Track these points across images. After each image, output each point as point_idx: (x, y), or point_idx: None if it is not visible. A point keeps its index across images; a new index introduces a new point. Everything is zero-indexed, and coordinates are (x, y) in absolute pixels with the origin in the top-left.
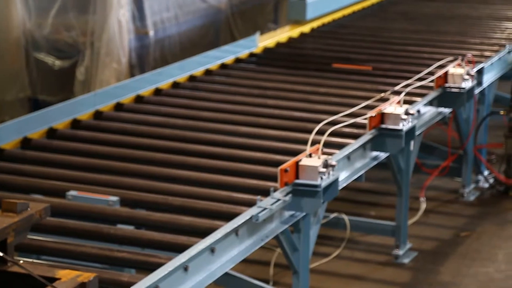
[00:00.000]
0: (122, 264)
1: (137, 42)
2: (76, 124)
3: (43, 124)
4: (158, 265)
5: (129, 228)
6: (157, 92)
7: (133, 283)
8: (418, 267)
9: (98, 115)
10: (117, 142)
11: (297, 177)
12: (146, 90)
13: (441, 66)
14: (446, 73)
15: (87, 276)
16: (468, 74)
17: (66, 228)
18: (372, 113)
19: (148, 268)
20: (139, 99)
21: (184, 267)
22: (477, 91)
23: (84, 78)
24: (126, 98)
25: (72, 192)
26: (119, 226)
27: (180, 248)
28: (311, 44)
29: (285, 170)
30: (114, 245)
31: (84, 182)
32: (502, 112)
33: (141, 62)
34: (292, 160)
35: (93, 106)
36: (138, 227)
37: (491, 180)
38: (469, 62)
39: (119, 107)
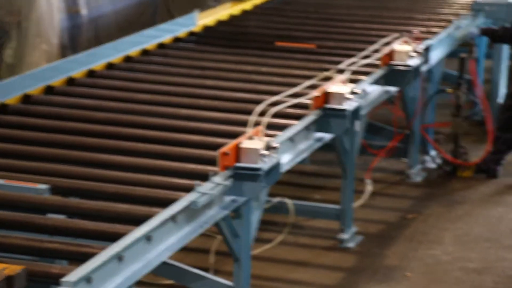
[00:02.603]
0: (52, 255)
1: (69, 21)
2: (2, 108)
3: None
4: (91, 256)
5: (60, 218)
6: (91, 74)
7: (64, 275)
8: (364, 251)
9: (26, 99)
10: (47, 127)
11: (238, 161)
12: (78, 72)
13: (387, 43)
14: (392, 51)
15: (13, 268)
16: (415, 51)
17: None
18: (316, 92)
19: (81, 259)
20: (71, 81)
21: (119, 257)
22: (424, 68)
23: (12, 61)
24: (57, 81)
25: None
26: (50, 215)
27: (115, 237)
28: (254, 22)
29: (225, 153)
30: (45, 235)
31: (12, 170)
32: (449, 90)
33: (73, 43)
34: (232, 142)
35: (22, 89)
36: (70, 216)
37: (438, 161)
38: (416, 39)
39: (49, 90)
